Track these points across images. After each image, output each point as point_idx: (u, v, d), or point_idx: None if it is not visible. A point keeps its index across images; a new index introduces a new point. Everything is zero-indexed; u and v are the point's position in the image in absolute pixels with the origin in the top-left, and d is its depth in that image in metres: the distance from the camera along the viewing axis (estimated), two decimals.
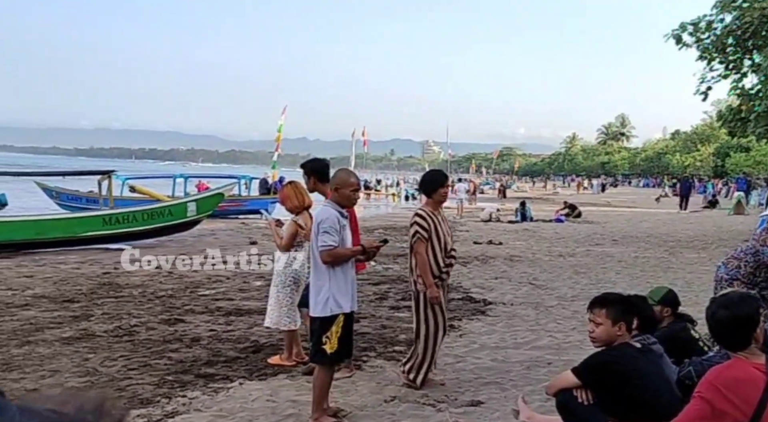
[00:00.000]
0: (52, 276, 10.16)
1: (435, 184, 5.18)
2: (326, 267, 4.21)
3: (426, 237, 4.95)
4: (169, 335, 6.58)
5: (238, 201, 25.77)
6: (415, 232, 4.96)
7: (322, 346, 4.17)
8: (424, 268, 4.91)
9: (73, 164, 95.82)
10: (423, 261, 4.92)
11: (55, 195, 23.31)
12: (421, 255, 4.93)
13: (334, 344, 4.14)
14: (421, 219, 5.00)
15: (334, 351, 4.16)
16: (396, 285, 9.72)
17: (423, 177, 5.56)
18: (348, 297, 4.26)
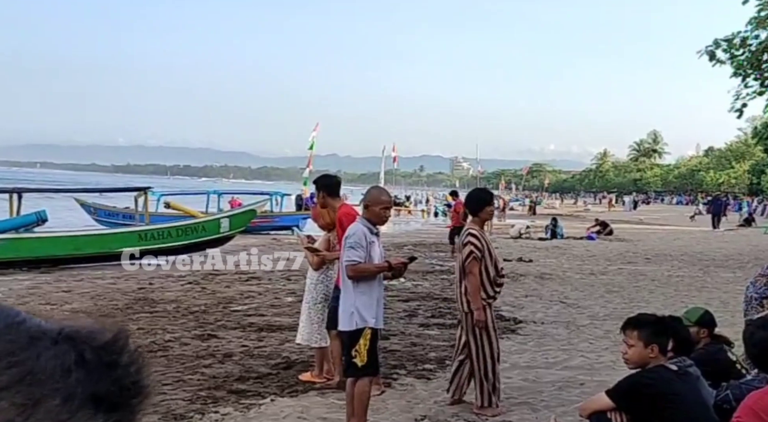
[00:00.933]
0: (90, 291, 10.34)
1: (482, 202, 5.08)
2: (352, 282, 4.21)
3: (480, 257, 4.82)
4: (202, 350, 6.63)
5: (270, 217, 25.99)
6: (470, 252, 4.80)
7: (353, 360, 4.19)
8: (475, 290, 4.79)
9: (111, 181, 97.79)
10: (476, 283, 4.79)
11: (93, 211, 23.77)
12: (474, 276, 4.79)
13: (363, 357, 4.14)
14: (474, 238, 4.85)
15: (365, 363, 4.16)
16: (425, 302, 9.67)
17: (469, 195, 5.52)
18: (372, 312, 4.23)
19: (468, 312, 4.88)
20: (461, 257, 4.90)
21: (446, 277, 12.41)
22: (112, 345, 0.55)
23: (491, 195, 5.48)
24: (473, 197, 5.27)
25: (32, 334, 0.53)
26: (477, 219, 5.07)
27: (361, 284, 4.20)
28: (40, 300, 9.53)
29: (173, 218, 18.65)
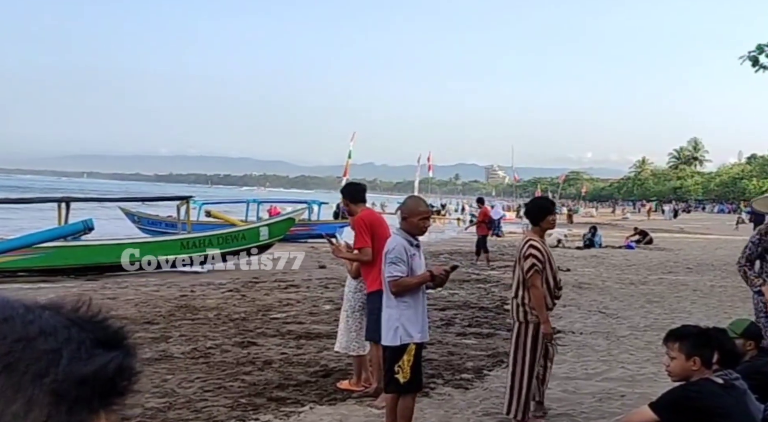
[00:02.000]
0: (134, 298, 10.54)
1: (543, 212, 4.97)
2: (395, 296, 4.15)
3: (541, 270, 4.73)
4: (242, 357, 6.69)
5: (308, 225, 26.16)
6: (533, 265, 4.70)
7: (395, 376, 4.11)
8: (539, 303, 4.69)
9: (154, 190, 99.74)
10: (539, 296, 4.70)
11: (137, 219, 24.24)
12: (537, 288, 4.69)
13: (407, 373, 4.06)
14: (536, 250, 4.74)
15: (408, 380, 4.09)
16: (462, 311, 9.61)
17: (529, 204, 5.44)
18: (418, 326, 4.16)
19: (522, 322, 4.79)
20: (522, 268, 4.79)
21: (482, 286, 12.32)
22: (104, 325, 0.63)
23: (553, 204, 5.39)
24: (535, 206, 5.17)
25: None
26: (538, 229, 4.96)
27: (405, 297, 4.13)
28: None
29: (214, 226, 18.90)
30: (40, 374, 0.56)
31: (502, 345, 7.46)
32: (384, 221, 5.71)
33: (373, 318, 5.34)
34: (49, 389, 0.56)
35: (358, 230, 5.36)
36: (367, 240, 5.28)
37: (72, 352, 0.58)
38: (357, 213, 5.53)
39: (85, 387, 0.57)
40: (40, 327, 0.58)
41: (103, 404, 0.58)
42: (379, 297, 5.23)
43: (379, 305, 5.21)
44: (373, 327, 5.30)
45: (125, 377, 0.60)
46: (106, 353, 0.59)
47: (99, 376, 0.58)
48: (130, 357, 0.61)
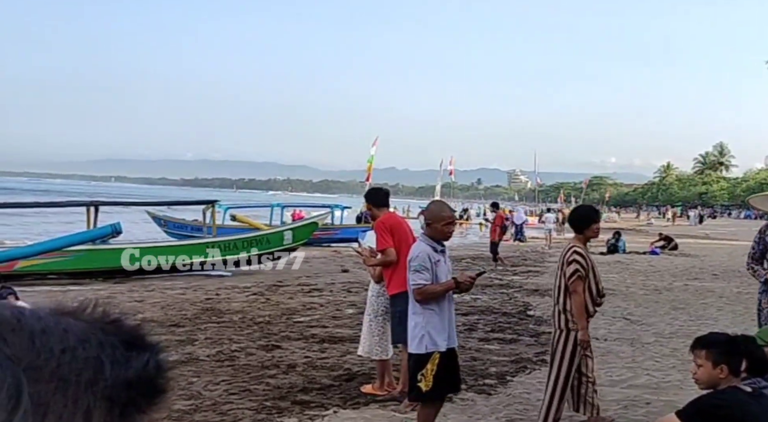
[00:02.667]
0: (160, 301, 10.65)
1: (588, 220, 4.95)
2: (420, 303, 4.12)
3: (584, 276, 4.71)
4: (266, 361, 6.73)
5: (331, 229, 26.24)
6: (575, 271, 4.69)
7: (417, 384, 4.08)
8: (580, 309, 4.67)
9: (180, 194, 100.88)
10: (580, 302, 4.68)
11: (163, 223, 24.51)
12: (579, 295, 4.68)
13: (429, 382, 4.03)
14: (580, 256, 4.74)
15: (430, 389, 4.05)
16: (485, 316, 9.56)
17: (573, 211, 5.37)
18: (444, 334, 4.12)
19: (563, 330, 4.74)
20: (564, 275, 4.75)
21: (505, 291, 12.25)
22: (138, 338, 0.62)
23: (597, 212, 5.34)
24: (579, 214, 5.11)
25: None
26: (581, 237, 4.92)
27: (430, 304, 4.09)
28: (114, 309, 9.83)
29: (239, 230, 19.04)
30: (91, 382, 0.56)
31: (525, 351, 7.41)
32: (405, 224, 5.73)
33: (396, 320, 5.34)
34: (103, 396, 0.56)
35: (378, 232, 5.41)
36: (389, 241, 5.32)
37: (110, 357, 0.58)
38: (378, 217, 5.57)
39: (133, 390, 0.58)
40: (76, 335, 0.58)
41: (149, 403, 0.59)
42: (402, 299, 5.22)
43: (402, 307, 5.20)
44: (398, 329, 5.29)
45: (164, 375, 0.61)
46: (139, 354, 0.60)
47: (143, 377, 0.59)
48: (161, 353, 0.62)
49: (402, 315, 5.17)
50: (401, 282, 5.20)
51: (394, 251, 5.30)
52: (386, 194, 5.93)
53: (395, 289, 5.29)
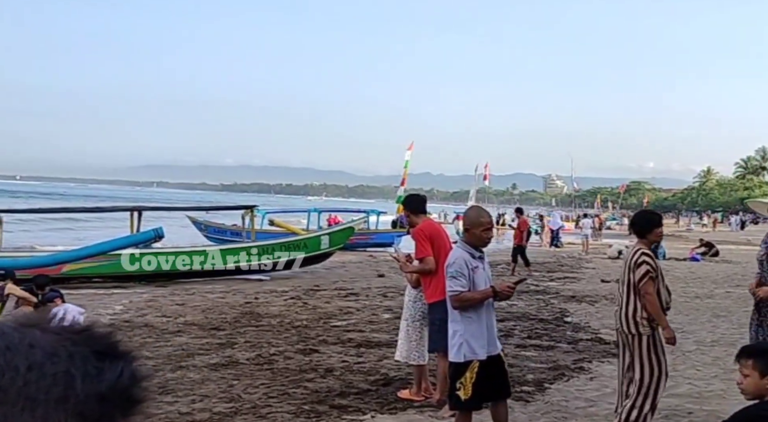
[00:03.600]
0: (201, 305, 10.79)
1: (651, 224, 4.90)
2: (458, 311, 4.07)
3: (655, 277, 4.67)
4: (304, 365, 6.76)
5: (367, 234, 26.30)
6: (646, 272, 4.64)
7: (456, 392, 4.04)
8: (656, 309, 4.62)
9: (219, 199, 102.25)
10: (655, 302, 4.63)
11: (204, 228, 24.86)
12: (652, 295, 4.63)
13: (468, 390, 3.98)
14: (649, 257, 4.69)
15: (469, 397, 4.00)
16: (521, 322, 9.45)
17: (636, 216, 5.29)
18: (483, 342, 4.06)
19: (635, 335, 4.65)
20: (633, 277, 4.66)
21: (541, 297, 12.09)
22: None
23: (660, 217, 5.26)
24: (642, 219, 5.05)
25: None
26: (645, 242, 4.85)
27: (469, 312, 4.05)
28: (156, 312, 10.03)
29: (277, 235, 19.20)
30: (61, 399, 0.54)
31: (563, 358, 7.30)
32: (443, 231, 5.69)
33: (434, 328, 5.29)
34: (74, 412, 0.54)
35: (418, 240, 5.35)
36: (429, 250, 5.27)
37: (81, 370, 0.55)
38: (418, 224, 5.53)
39: (107, 403, 0.56)
40: (43, 350, 0.55)
41: (125, 415, 0.57)
42: (440, 307, 5.18)
43: (440, 316, 5.16)
44: (435, 337, 5.26)
45: (139, 384, 0.58)
46: (112, 364, 0.57)
47: (117, 389, 0.56)
48: (134, 361, 0.59)
49: (441, 323, 5.12)
50: (440, 290, 5.15)
51: (433, 260, 5.25)
52: (424, 201, 5.88)
53: (434, 297, 5.25)
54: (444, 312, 5.08)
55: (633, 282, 4.66)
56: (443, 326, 5.09)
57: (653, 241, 4.90)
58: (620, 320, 4.75)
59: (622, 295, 4.74)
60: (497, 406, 4.15)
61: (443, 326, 5.09)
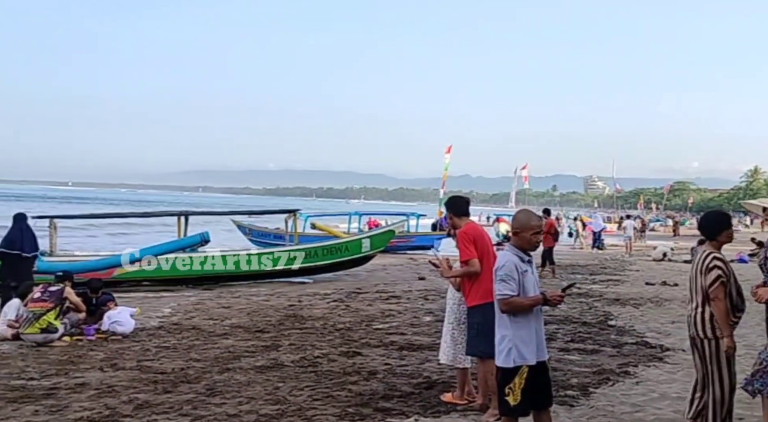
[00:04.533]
0: (246, 308, 10.94)
1: (721, 225, 4.72)
2: (507, 315, 4.00)
3: (726, 282, 4.50)
4: (348, 367, 6.78)
5: (407, 237, 26.28)
6: (718, 277, 4.47)
7: (505, 397, 3.98)
8: (723, 316, 4.45)
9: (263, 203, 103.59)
10: (723, 309, 4.46)
11: (248, 232, 25.22)
12: (721, 301, 4.47)
13: (517, 396, 3.91)
14: (721, 262, 4.52)
15: (518, 403, 3.93)
16: (564, 325, 9.31)
17: (704, 218, 5.07)
18: (532, 347, 3.97)
19: (712, 339, 4.51)
20: (704, 282, 4.53)
21: (584, 300, 11.89)
22: None
23: (729, 217, 5.06)
24: (710, 220, 4.83)
25: None
26: (715, 243, 4.67)
27: (518, 316, 3.97)
28: (203, 315, 10.20)
29: (319, 238, 19.35)
30: None
31: (608, 362, 7.16)
32: (486, 235, 5.61)
33: (473, 332, 5.23)
34: None
35: (462, 242, 5.28)
36: (473, 252, 5.21)
37: None
38: (460, 227, 5.47)
39: None
40: None
41: None
42: (480, 311, 5.12)
43: (480, 319, 5.11)
44: (475, 341, 5.20)
45: None
46: None
47: None
48: None
49: (480, 327, 5.07)
50: (481, 293, 5.11)
51: (478, 262, 5.20)
52: (466, 203, 5.73)
53: (475, 301, 5.19)
54: (483, 315, 5.02)
55: (704, 287, 4.51)
56: (482, 329, 5.02)
57: (723, 243, 4.69)
58: (693, 325, 4.60)
59: (695, 299, 4.59)
60: (540, 414, 4.07)
61: (482, 329, 5.02)
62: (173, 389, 5.93)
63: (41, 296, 8.34)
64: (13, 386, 6.04)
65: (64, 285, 8.63)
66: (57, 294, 8.40)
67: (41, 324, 8.01)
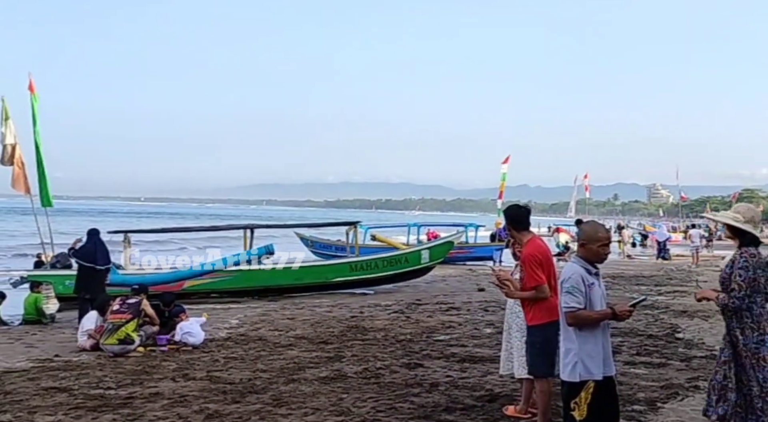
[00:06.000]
0: (309, 319, 11.05)
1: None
2: (573, 328, 3.88)
3: None
4: (410, 379, 6.75)
5: (466, 248, 26.05)
6: None
7: (570, 412, 3.87)
8: None
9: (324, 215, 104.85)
10: None
11: (310, 243, 25.52)
12: None
13: (583, 411, 3.79)
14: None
15: (584, 418, 3.81)
16: (629, 338, 9.01)
17: None
18: (599, 361, 3.83)
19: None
20: None
21: (649, 312, 11.49)
22: None
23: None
24: None
25: None
26: None
27: (584, 330, 3.85)
28: (269, 326, 10.37)
29: (379, 250, 19.40)
30: None
31: (676, 376, 6.89)
32: (549, 251, 5.35)
33: (534, 351, 5.05)
34: None
35: (529, 267, 4.97)
36: (542, 277, 4.92)
37: None
38: (522, 242, 5.24)
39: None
40: None
41: None
42: (542, 330, 4.94)
43: (540, 339, 4.95)
44: (536, 360, 5.02)
45: None
46: None
47: None
48: None
49: (543, 346, 4.91)
50: (544, 312, 4.93)
51: (548, 287, 4.92)
52: (527, 213, 5.36)
53: (537, 320, 4.98)
54: (544, 334, 4.86)
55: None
56: (544, 349, 4.87)
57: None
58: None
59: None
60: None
61: (544, 349, 4.87)
62: (241, 399, 6.03)
63: (120, 308, 8.66)
64: (92, 395, 6.28)
65: (141, 298, 8.93)
66: (135, 306, 8.71)
67: (119, 335, 8.31)
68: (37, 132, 13.83)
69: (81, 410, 5.76)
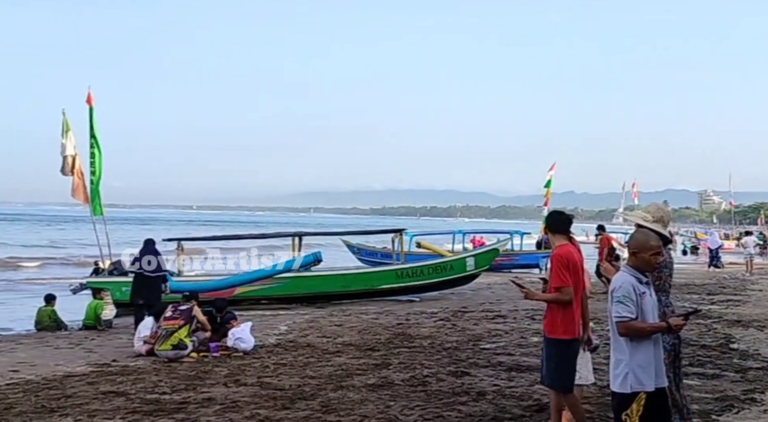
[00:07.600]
0: (357, 326, 11.08)
1: None
2: (624, 339, 3.76)
3: None
4: (457, 387, 6.69)
5: (511, 255, 25.74)
6: None
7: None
8: None
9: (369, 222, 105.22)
10: None
11: (357, 251, 25.64)
12: None
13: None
14: None
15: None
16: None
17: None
18: (651, 372, 3.70)
19: None
20: None
21: (702, 322, 11.10)
22: None
23: None
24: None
25: None
26: None
27: (635, 340, 3.71)
28: (317, 333, 10.43)
29: (425, 257, 19.35)
30: None
31: (731, 387, 6.64)
32: (580, 262, 5.07)
33: (552, 364, 4.89)
34: None
35: (556, 267, 4.85)
36: (568, 279, 4.80)
37: None
38: (554, 245, 5.13)
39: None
40: None
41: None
42: (559, 346, 4.81)
43: (557, 353, 4.81)
44: (553, 374, 4.88)
45: None
46: None
47: None
48: None
49: (560, 360, 4.80)
50: (565, 327, 4.78)
51: (572, 290, 4.79)
52: (566, 220, 5.21)
53: (557, 334, 4.81)
54: (562, 351, 4.75)
55: None
56: (561, 365, 4.77)
57: None
58: None
59: None
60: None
61: (561, 365, 4.77)
62: (291, 405, 6.08)
63: (172, 314, 8.86)
64: (148, 399, 6.42)
65: (192, 304, 9.12)
66: (187, 312, 8.90)
67: (173, 340, 8.50)
68: (97, 143, 14.29)
69: (138, 414, 5.90)
